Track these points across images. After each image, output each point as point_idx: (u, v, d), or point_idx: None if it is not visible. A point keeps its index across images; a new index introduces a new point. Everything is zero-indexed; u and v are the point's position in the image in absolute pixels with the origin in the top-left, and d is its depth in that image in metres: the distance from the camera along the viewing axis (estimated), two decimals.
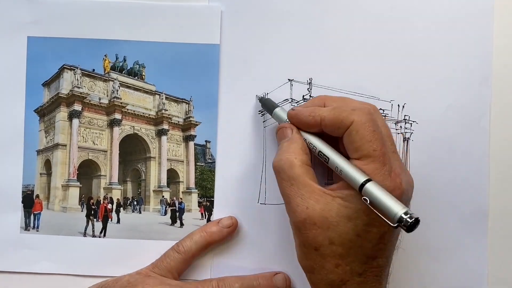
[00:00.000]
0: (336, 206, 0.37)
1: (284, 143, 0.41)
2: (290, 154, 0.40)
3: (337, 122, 0.38)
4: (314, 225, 0.37)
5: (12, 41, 0.50)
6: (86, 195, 0.51)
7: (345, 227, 0.37)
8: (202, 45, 0.49)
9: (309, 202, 0.38)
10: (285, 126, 0.43)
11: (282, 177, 0.39)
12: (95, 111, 0.53)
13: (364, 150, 0.37)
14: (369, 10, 0.49)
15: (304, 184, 0.38)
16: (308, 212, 0.37)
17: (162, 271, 0.46)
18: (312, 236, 0.37)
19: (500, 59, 0.48)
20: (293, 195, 0.38)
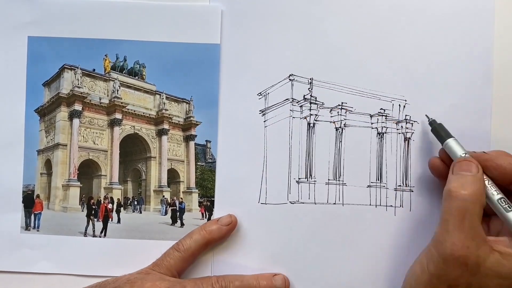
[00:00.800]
0: (492, 260, 0.37)
1: (468, 176, 0.40)
2: (476, 189, 0.39)
3: None
4: (464, 266, 0.37)
5: (13, 41, 0.50)
6: (87, 195, 0.51)
7: (490, 282, 0.37)
8: (202, 45, 0.49)
9: (471, 244, 0.37)
10: (472, 162, 0.41)
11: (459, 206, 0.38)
12: (95, 111, 0.53)
13: None
14: (370, 10, 0.49)
15: (475, 225, 0.38)
16: (467, 252, 0.37)
17: (162, 269, 0.46)
18: (455, 275, 0.37)
19: (501, 59, 0.48)
20: (460, 228, 0.38)
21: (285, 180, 0.49)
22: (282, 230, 0.49)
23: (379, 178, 0.49)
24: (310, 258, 0.49)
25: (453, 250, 0.37)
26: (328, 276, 0.48)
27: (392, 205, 0.49)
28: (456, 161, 0.42)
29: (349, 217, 0.49)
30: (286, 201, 0.49)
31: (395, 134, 0.50)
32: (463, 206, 0.38)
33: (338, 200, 0.49)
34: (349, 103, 0.49)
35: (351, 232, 0.48)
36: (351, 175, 0.49)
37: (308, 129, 0.50)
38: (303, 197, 0.49)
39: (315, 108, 0.50)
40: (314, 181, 0.49)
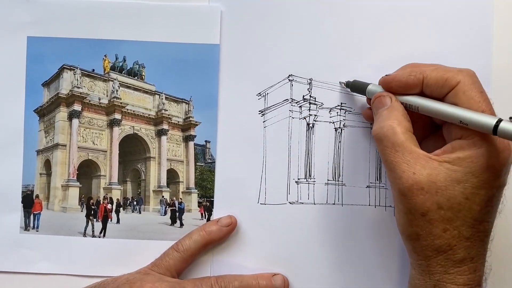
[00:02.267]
0: (444, 171, 0.37)
1: (383, 111, 0.41)
2: (392, 120, 0.39)
3: (441, 80, 0.39)
4: (421, 190, 0.37)
5: (12, 41, 0.50)
6: (86, 195, 0.51)
7: (453, 191, 0.37)
8: (202, 45, 0.49)
9: (416, 168, 0.37)
10: (383, 95, 0.42)
11: (386, 144, 0.39)
12: (95, 111, 0.53)
13: None
14: (369, 10, 0.49)
15: (409, 150, 0.38)
16: (415, 177, 0.37)
17: (161, 269, 0.46)
18: (420, 202, 0.37)
19: (500, 59, 0.48)
20: (398, 162, 0.38)
21: (284, 180, 0.49)
22: (282, 230, 0.49)
23: (379, 178, 0.49)
24: (309, 258, 0.49)
25: (403, 183, 0.38)
26: (327, 276, 0.49)
27: (391, 205, 0.49)
28: (371, 101, 0.43)
29: (348, 217, 0.49)
30: (285, 201, 0.49)
31: None
32: (389, 142, 0.39)
33: (338, 201, 0.49)
34: (348, 103, 0.49)
35: (350, 232, 0.49)
36: (350, 176, 0.49)
37: (307, 130, 0.50)
38: (303, 197, 0.49)
39: (314, 109, 0.50)
40: (313, 182, 0.49)
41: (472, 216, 0.37)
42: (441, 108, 0.39)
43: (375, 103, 0.43)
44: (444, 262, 0.38)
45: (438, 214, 0.37)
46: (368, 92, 0.45)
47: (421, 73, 0.40)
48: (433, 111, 0.40)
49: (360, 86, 0.46)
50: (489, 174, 0.37)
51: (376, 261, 0.48)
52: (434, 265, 0.38)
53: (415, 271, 0.40)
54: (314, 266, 0.49)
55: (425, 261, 0.39)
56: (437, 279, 0.38)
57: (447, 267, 0.38)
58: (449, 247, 0.38)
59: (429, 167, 0.37)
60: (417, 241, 0.39)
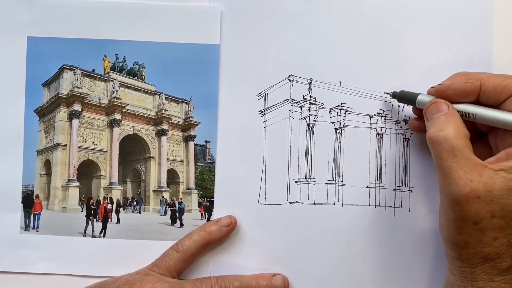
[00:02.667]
0: (499, 179, 0.37)
1: (440, 116, 0.40)
2: (452, 125, 0.39)
3: (500, 87, 0.39)
4: (478, 199, 0.36)
5: (12, 41, 0.50)
6: (86, 195, 0.51)
7: (508, 200, 0.36)
8: (202, 45, 0.49)
9: (473, 176, 0.37)
10: (439, 101, 0.41)
11: (444, 147, 0.38)
12: (95, 111, 0.53)
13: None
14: (369, 10, 0.49)
15: (467, 157, 0.37)
16: (473, 185, 0.37)
17: (161, 270, 0.46)
18: (475, 210, 0.37)
19: (500, 59, 0.48)
20: (455, 168, 0.37)
21: (284, 180, 0.49)
22: (282, 230, 0.49)
23: (378, 179, 0.49)
24: (309, 258, 0.49)
25: (459, 190, 0.37)
26: (327, 276, 0.49)
27: (391, 206, 0.49)
28: (425, 108, 0.42)
29: (348, 217, 0.49)
30: (285, 201, 0.49)
31: (394, 134, 0.50)
32: (448, 145, 0.38)
33: (338, 201, 0.49)
34: (348, 103, 0.49)
35: (350, 232, 0.49)
36: (350, 176, 0.49)
37: (307, 130, 0.50)
38: (303, 197, 0.49)
39: (314, 109, 0.50)
40: (313, 182, 0.49)
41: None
42: (501, 116, 0.39)
43: (430, 108, 0.42)
44: (490, 270, 0.37)
45: (491, 223, 0.37)
46: (418, 102, 0.44)
47: (479, 80, 0.40)
48: (493, 119, 0.40)
49: (409, 97, 0.45)
50: None
51: (376, 261, 0.48)
52: (479, 272, 0.38)
53: (455, 277, 0.39)
54: (314, 266, 0.49)
55: (469, 268, 0.38)
56: (480, 287, 0.38)
57: (492, 275, 0.37)
58: (497, 255, 0.37)
59: (486, 175, 0.37)
60: (465, 249, 0.38)
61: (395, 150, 0.50)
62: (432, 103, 0.42)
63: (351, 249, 0.48)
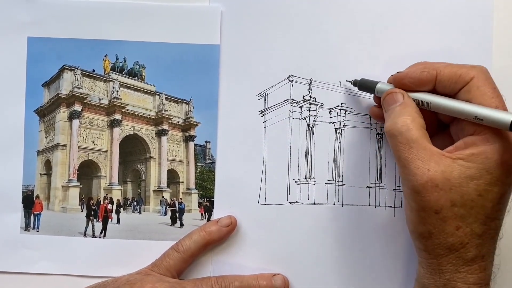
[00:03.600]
0: (457, 167, 0.37)
1: (396, 107, 0.41)
2: (406, 117, 0.39)
3: (455, 76, 0.39)
4: (436, 187, 0.37)
5: (12, 41, 0.50)
6: (86, 196, 0.51)
7: (467, 188, 0.37)
8: (202, 46, 0.49)
9: (430, 165, 0.37)
10: (394, 91, 0.42)
11: (400, 140, 0.39)
12: (95, 112, 0.53)
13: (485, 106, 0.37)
14: (369, 11, 0.49)
15: (423, 146, 0.38)
16: (430, 174, 0.37)
17: (161, 270, 0.46)
18: (434, 199, 0.37)
19: (500, 59, 0.48)
20: (413, 158, 0.38)
21: (284, 180, 0.49)
22: (282, 230, 0.49)
23: (379, 179, 0.49)
24: (309, 259, 0.49)
25: (417, 180, 0.37)
26: (327, 276, 0.49)
27: (391, 206, 0.49)
28: (382, 98, 0.43)
29: (348, 217, 0.49)
30: (285, 201, 0.49)
31: None
32: (403, 138, 0.38)
33: (338, 201, 0.49)
34: (348, 104, 0.49)
35: (350, 232, 0.49)
36: (350, 176, 0.49)
37: (307, 130, 0.50)
38: (303, 197, 0.49)
39: (314, 109, 0.50)
40: (313, 182, 0.49)
41: (485, 213, 0.37)
42: (455, 104, 0.39)
43: (386, 99, 0.42)
44: (455, 261, 0.38)
45: (452, 212, 0.37)
46: (377, 90, 0.44)
47: (434, 69, 0.40)
48: (447, 108, 0.39)
49: (369, 85, 0.45)
50: (502, 170, 0.37)
51: (376, 261, 0.48)
52: (445, 263, 0.38)
53: (424, 270, 0.40)
54: (314, 266, 0.49)
55: (436, 260, 0.38)
56: (447, 278, 0.38)
57: (458, 266, 0.38)
58: (461, 245, 0.37)
59: (443, 164, 0.37)
60: (429, 240, 0.38)
61: None
62: (388, 94, 0.42)
63: (351, 249, 0.48)
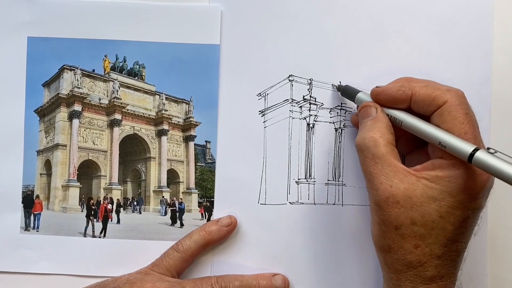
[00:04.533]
0: (421, 187, 0.37)
1: (367, 121, 0.41)
2: (375, 132, 0.40)
3: (429, 98, 0.39)
4: (397, 204, 0.37)
5: (12, 41, 0.50)
6: (86, 196, 0.51)
7: (428, 208, 0.37)
8: (202, 45, 0.49)
9: (393, 181, 0.38)
10: (369, 105, 0.42)
11: (366, 155, 0.39)
12: (95, 112, 0.53)
13: (455, 132, 0.37)
14: (369, 11, 0.49)
15: (389, 163, 0.38)
16: (392, 190, 0.37)
17: (161, 269, 0.46)
18: (394, 215, 0.37)
19: (500, 60, 0.48)
20: (377, 173, 0.38)
21: (284, 180, 0.49)
22: (282, 230, 0.49)
23: None
24: (309, 258, 0.49)
25: (380, 195, 0.38)
26: (327, 276, 0.49)
27: None
28: (358, 110, 0.43)
29: (348, 217, 0.49)
30: (285, 201, 0.49)
31: None
32: (369, 153, 0.39)
33: (338, 201, 0.49)
34: (348, 103, 0.49)
35: (350, 232, 0.49)
36: (350, 176, 0.49)
37: (307, 130, 0.50)
38: (303, 197, 0.49)
39: (314, 109, 0.50)
40: (313, 182, 0.49)
41: (445, 235, 0.37)
42: (423, 127, 0.39)
43: (361, 112, 0.43)
44: (413, 278, 0.38)
45: (411, 230, 0.37)
46: (357, 99, 0.45)
47: (410, 89, 0.40)
48: (415, 129, 0.40)
49: (350, 93, 0.46)
50: (465, 195, 0.37)
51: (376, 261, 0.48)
52: (404, 279, 0.38)
53: (386, 285, 0.40)
54: (314, 266, 0.49)
55: (395, 275, 0.39)
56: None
57: (416, 283, 0.38)
58: (419, 263, 0.38)
59: (407, 181, 0.37)
60: (389, 254, 0.39)
61: None
62: (363, 107, 0.43)
63: (351, 249, 0.48)
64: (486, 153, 0.35)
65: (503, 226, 0.49)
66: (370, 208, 0.40)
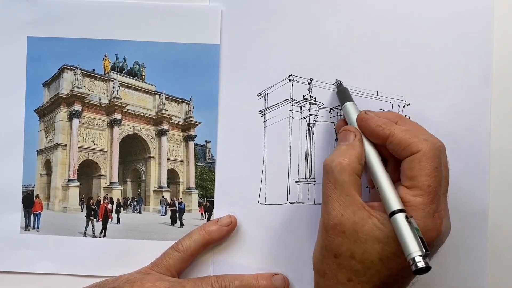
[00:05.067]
0: (370, 225, 0.37)
1: (343, 146, 0.41)
2: (344, 159, 0.39)
3: (405, 144, 0.38)
4: (342, 233, 0.38)
5: (12, 41, 0.50)
6: (86, 195, 0.51)
7: (371, 248, 0.37)
8: (202, 45, 0.49)
9: (346, 211, 0.38)
10: (350, 130, 0.42)
11: (329, 178, 0.40)
12: (95, 111, 0.53)
13: (419, 182, 0.37)
14: (369, 10, 0.49)
15: (347, 192, 0.38)
16: (342, 219, 0.38)
17: (161, 269, 0.46)
18: (337, 243, 0.38)
19: (500, 59, 0.48)
20: (333, 199, 0.39)
21: (284, 180, 0.49)
22: (282, 230, 0.49)
23: None
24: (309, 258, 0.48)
25: (329, 220, 0.38)
26: None
27: None
28: (339, 130, 0.43)
29: None
30: (285, 201, 0.49)
31: None
32: (333, 177, 0.39)
33: None
34: None
35: None
36: None
37: (307, 130, 0.50)
38: (303, 197, 0.49)
39: (314, 109, 0.50)
40: (313, 182, 0.49)
41: (380, 278, 0.37)
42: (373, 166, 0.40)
43: (340, 135, 0.43)
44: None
45: (348, 262, 0.37)
46: (343, 108, 0.45)
47: (390, 129, 0.40)
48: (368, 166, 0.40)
49: (341, 98, 0.46)
50: None
51: None
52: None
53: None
54: None
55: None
56: None
57: None
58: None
59: (359, 215, 0.38)
60: (322, 278, 0.39)
61: None
62: (345, 130, 0.43)
63: None
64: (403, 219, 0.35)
65: (503, 226, 0.49)
66: (318, 230, 0.41)
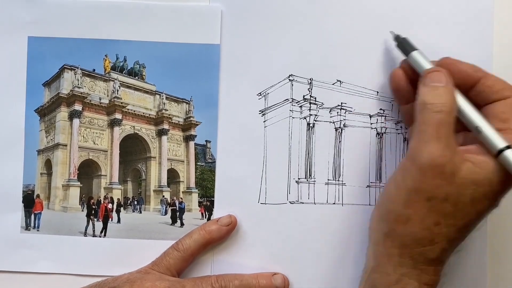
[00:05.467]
0: (467, 167, 0.37)
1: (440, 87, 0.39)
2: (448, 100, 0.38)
3: (498, 86, 0.39)
4: (441, 175, 0.36)
5: (13, 41, 0.50)
6: (87, 195, 0.51)
7: (465, 190, 0.37)
8: (202, 45, 0.49)
9: (447, 152, 0.37)
10: (443, 72, 0.40)
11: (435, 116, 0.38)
12: (95, 111, 0.53)
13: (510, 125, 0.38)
14: (369, 10, 0.49)
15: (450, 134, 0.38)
16: (443, 160, 0.36)
17: (161, 268, 0.46)
18: (433, 185, 0.37)
19: (501, 59, 0.48)
20: (439, 138, 0.37)
21: (284, 180, 0.49)
22: (282, 230, 0.49)
23: (379, 178, 0.49)
24: (309, 258, 0.49)
25: (431, 159, 0.37)
26: (327, 276, 0.49)
27: None
28: (426, 72, 0.41)
29: (348, 217, 0.49)
30: (285, 201, 0.49)
31: (395, 134, 0.50)
32: (439, 117, 0.38)
33: (338, 200, 0.49)
34: (348, 103, 0.49)
35: (350, 232, 0.49)
36: (350, 175, 0.49)
37: (307, 129, 0.50)
38: (303, 197, 0.49)
39: (314, 109, 0.50)
40: (313, 181, 0.50)
41: (464, 220, 0.37)
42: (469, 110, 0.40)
43: (431, 75, 0.40)
44: (417, 256, 0.38)
45: (441, 205, 0.37)
46: (410, 58, 0.43)
47: (483, 71, 0.40)
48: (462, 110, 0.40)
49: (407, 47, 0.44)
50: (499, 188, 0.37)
51: None
52: (406, 256, 0.38)
53: (377, 262, 0.39)
54: (314, 266, 0.49)
55: (398, 250, 0.38)
56: (402, 273, 0.38)
57: (417, 262, 0.38)
58: (430, 242, 0.37)
59: (458, 158, 0.37)
60: (403, 225, 0.38)
61: (395, 150, 0.50)
62: (436, 71, 0.41)
63: (351, 248, 0.48)
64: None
65: (503, 226, 0.49)
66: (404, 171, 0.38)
